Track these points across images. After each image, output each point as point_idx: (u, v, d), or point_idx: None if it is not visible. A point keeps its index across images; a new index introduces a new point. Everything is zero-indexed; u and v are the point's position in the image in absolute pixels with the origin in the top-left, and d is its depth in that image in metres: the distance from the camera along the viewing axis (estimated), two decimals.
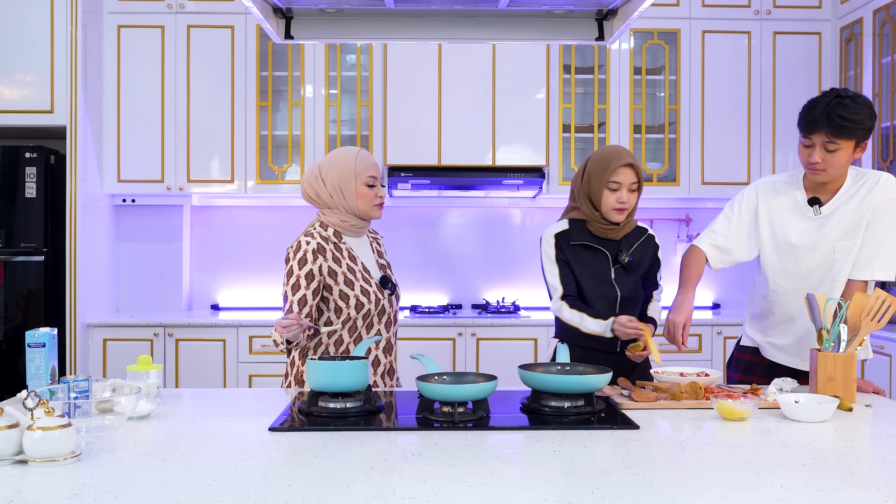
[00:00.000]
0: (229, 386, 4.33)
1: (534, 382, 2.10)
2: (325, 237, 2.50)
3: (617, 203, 2.54)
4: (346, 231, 2.54)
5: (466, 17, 2.51)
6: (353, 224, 2.53)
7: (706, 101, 4.66)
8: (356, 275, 2.49)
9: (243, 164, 4.57)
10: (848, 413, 2.12)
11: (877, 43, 4.20)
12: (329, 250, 2.47)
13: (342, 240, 2.52)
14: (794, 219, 2.51)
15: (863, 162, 4.29)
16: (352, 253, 2.52)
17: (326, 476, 1.53)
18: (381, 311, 2.53)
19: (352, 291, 2.46)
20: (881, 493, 1.44)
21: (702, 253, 2.58)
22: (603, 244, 2.60)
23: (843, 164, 2.41)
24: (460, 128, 4.53)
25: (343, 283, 2.46)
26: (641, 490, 1.45)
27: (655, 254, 2.69)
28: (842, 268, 2.46)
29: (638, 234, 2.66)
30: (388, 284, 2.57)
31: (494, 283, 4.99)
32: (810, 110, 2.40)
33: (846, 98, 2.37)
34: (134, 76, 4.54)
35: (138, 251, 4.81)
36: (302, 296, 2.43)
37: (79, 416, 1.84)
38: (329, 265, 2.46)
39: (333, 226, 2.53)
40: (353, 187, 2.50)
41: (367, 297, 2.48)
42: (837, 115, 2.35)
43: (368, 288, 2.49)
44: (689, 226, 4.98)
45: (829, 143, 2.37)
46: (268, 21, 2.41)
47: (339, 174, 2.51)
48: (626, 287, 2.59)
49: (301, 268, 2.44)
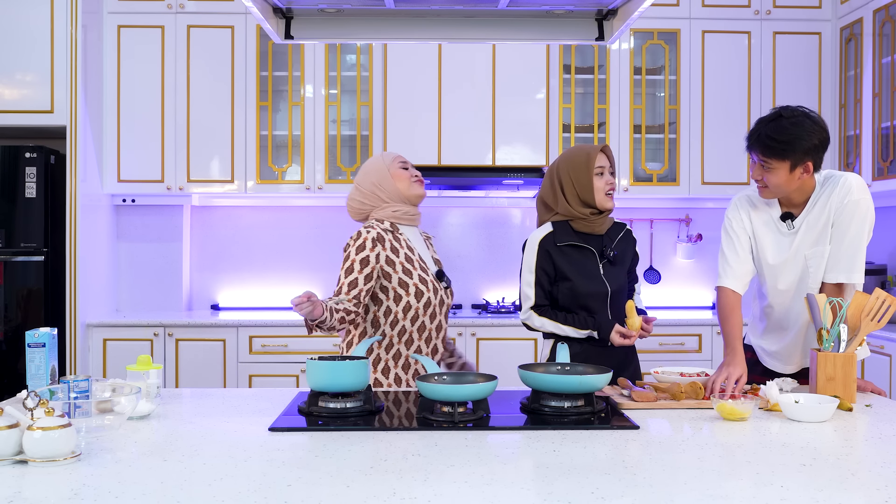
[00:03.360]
0: (229, 386, 4.33)
1: (534, 382, 2.10)
2: (385, 229, 2.57)
3: (607, 185, 2.63)
4: (401, 220, 2.61)
5: (466, 17, 2.51)
6: (406, 211, 2.62)
7: (706, 101, 4.66)
8: (414, 264, 2.56)
9: (243, 164, 4.57)
10: (848, 413, 2.12)
11: (877, 43, 4.20)
12: (388, 240, 2.54)
13: (399, 230, 2.59)
14: (769, 235, 2.49)
15: (863, 162, 4.29)
16: (409, 244, 2.59)
17: (326, 476, 1.53)
18: (440, 301, 2.60)
19: (410, 280, 2.52)
20: (881, 493, 1.44)
21: (731, 294, 2.49)
22: (588, 241, 2.64)
23: (781, 183, 2.36)
24: (460, 128, 4.53)
25: (402, 271, 2.52)
26: (641, 490, 1.45)
27: (634, 248, 2.77)
28: (814, 274, 2.43)
29: (617, 229, 2.73)
30: (444, 278, 2.65)
31: (494, 283, 4.99)
32: (752, 128, 2.41)
33: (786, 119, 2.33)
34: (134, 76, 4.54)
35: (138, 251, 4.81)
36: (354, 279, 2.47)
37: (79, 416, 1.84)
38: (387, 254, 2.52)
39: (388, 219, 2.60)
40: (388, 175, 2.61)
41: (425, 285, 2.54)
42: (766, 135, 2.33)
43: (426, 277, 2.56)
44: (688, 226, 4.98)
45: (764, 163, 2.36)
46: (268, 21, 2.41)
47: (372, 174, 2.63)
48: (615, 282, 2.65)
49: (358, 253, 2.50)
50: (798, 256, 2.44)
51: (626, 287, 2.72)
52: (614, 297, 2.64)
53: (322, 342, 4.25)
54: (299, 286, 4.87)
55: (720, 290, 2.52)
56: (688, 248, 4.92)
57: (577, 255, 2.63)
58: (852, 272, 2.39)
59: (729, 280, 2.50)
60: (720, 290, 2.52)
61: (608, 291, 2.62)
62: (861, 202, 2.36)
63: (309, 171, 4.57)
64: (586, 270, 2.61)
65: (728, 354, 2.38)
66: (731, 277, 2.50)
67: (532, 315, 2.64)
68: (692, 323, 4.42)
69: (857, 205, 2.36)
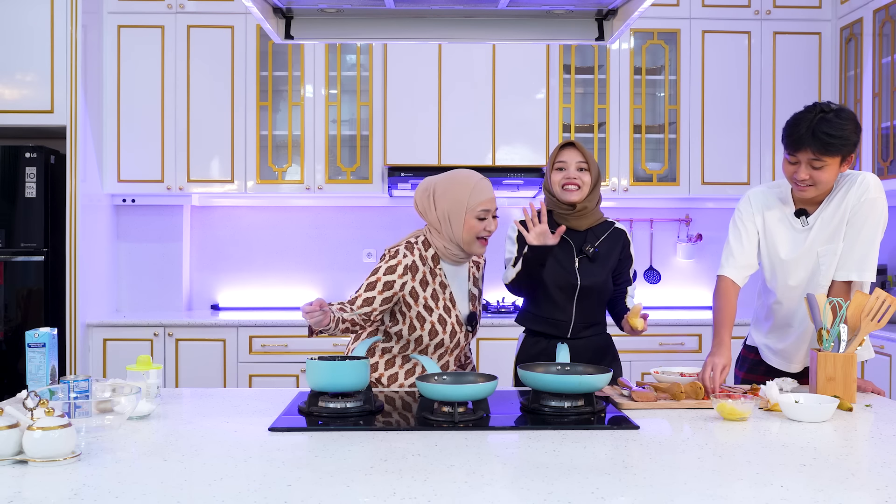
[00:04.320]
0: (229, 386, 4.33)
1: (534, 382, 2.10)
2: (424, 257, 2.48)
3: (564, 179, 2.61)
4: (446, 258, 2.51)
5: (466, 17, 2.51)
6: (455, 254, 2.50)
7: (706, 101, 4.66)
8: (438, 303, 2.47)
9: (243, 164, 4.57)
10: (848, 413, 2.13)
11: (877, 43, 4.20)
12: (422, 271, 2.46)
13: (439, 264, 2.50)
14: (783, 231, 2.49)
15: (863, 162, 4.29)
16: (444, 281, 2.50)
17: (326, 476, 1.53)
18: (456, 343, 2.53)
19: (429, 317, 2.45)
20: (881, 493, 1.44)
21: (731, 284, 2.50)
22: (568, 234, 2.63)
23: (830, 179, 2.36)
24: (460, 128, 4.53)
25: (422, 307, 2.45)
26: (641, 490, 1.45)
27: (626, 249, 2.71)
28: (825, 272, 2.43)
29: (605, 227, 2.70)
30: (472, 322, 2.56)
31: (494, 283, 4.97)
32: (794, 127, 2.34)
33: (830, 113, 2.31)
34: (134, 76, 4.54)
35: (138, 251, 4.81)
36: (371, 297, 2.40)
37: (79, 416, 1.84)
38: (414, 286, 2.44)
39: (435, 248, 2.50)
40: (462, 218, 2.45)
41: (443, 326, 2.47)
42: (823, 132, 2.28)
43: (447, 318, 2.48)
44: (689, 226, 4.98)
45: (815, 161, 2.32)
46: (268, 21, 2.41)
47: (451, 202, 2.46)
48: (589, 278, 2.61)
49: (387, 274, 2.42)
50: (811, 253, 2.45)
51: (606, 287, 2.66)
52: (584, 292, 2.61)
53: (322, 342, 4.25)
54: (299, 286, 4.88)
55: (720, 279, 2.52)
56: (688, 248, 4.92)
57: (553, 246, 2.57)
58: (864, 270, 2.39)
59: (731, 270, 2.51)
60: (720, 278, 2.52)
61: (577, 285, 2.60)
62: (877, 201, 2.37)
63: (309, 171, 4.57)
64: (559, 262, 2.60)
65: (715, 345, 2.40)
66: (734, 268, 2.51)
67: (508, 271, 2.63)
68: (692, 323, 4.42)
69: (874, 203, 2.37)
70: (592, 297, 2.63)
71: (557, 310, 2.63)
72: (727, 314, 2.47)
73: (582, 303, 2.62)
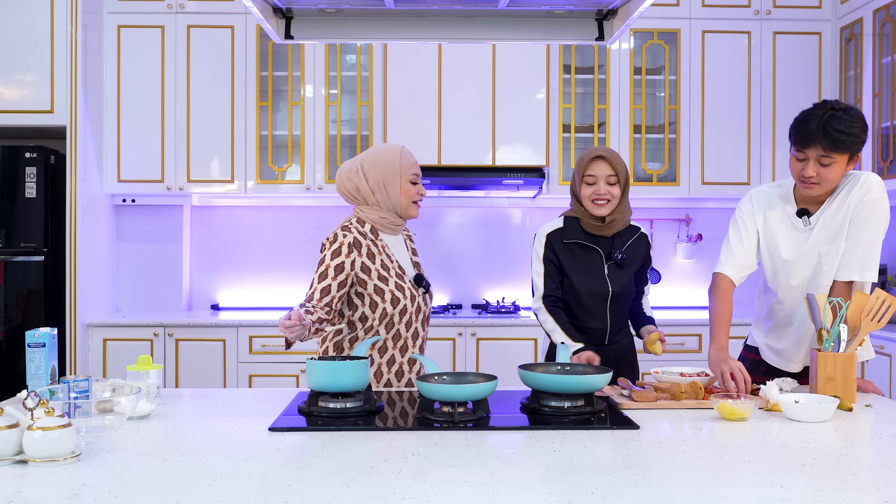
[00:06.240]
0: (229, 386, 4.33)
1: (534, 382, 2.10)
2: (363, 233, 2.51)
3: (594, 195, 2.61)
4: (384, 228, 2.55)
5: (466, 17, 2.51)
6: (392, 221, 2.54)
7: (706, 101, 4.66)
8: (390, 272, 2.50)
9: (243, 164, 4.57)
10: (848, 413, 2.12)
11: (877, 43, 4.20)
12: (365, 245, 2.48)
13: (378, 237, 2.53)
14: (785, 231, 2.49)
15: (863, 162, 4.28)
16: (387, 251, 2.53)
17: (326, 476, 1.53)
18: (417, 308, 2.54)
19: (386, 287, 2.47)
20: (881, 493, 1.44)
21: (728, 282, 2.50)
22: (596, 241, 2.66)
23: (837, 177, 2.36)
24: (460, 128, 4.53)
25: (377, 278, 2.47)
26: (641, 490, 1.45)
27: (648, 251, 2.78)
28: (827, 272, 2.42)
29: (631, 231, 2.73)
30: (423, 282, 2.58)
31: (494, 283, 4.99)
32: (804, 123, 2.34)
33: (840, 111, 2.31)
34: (134, 76, 4.54)
35: (138, 251, 4.81)
36: (327, 285, 2.42)
37: (79, 416, 1.84)
38: (363, 261, 2.46)
39: (371, 222, 2.53)
40: (398, 183, 2.51)
41: (401, 292, 2.49)
42: (834, 128, 2.28)
43: (403, 284, 2.50)
44: (688, 226, 4.98)
45: (824, 158, 2.31)
46: (268, 21, 2.41)
47: (383, 170, 2.52)
48: (618, 283, 2.66)
49: (333, 258, 2.44)
50: (813, 253, 2.45)
51: (632, 289, 2.73)
52: (615, 299, 2.66)
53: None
54: (299, 286, 4.87)
55: (717, 276, 2.53)
56: (688, 248, 4.92)
57: (582, 253, 2.66)
58: (865, 270, 2.39)
59: (728, 268, 2.51)
60: (717, 275, 2.53)
61: (609, 292, 2.64)
62: (880, 201, 2.37)
63: (309, 171, 4.57)
64: (589, 270, 2.64)
65: (718, 349, 2.38)
66: (732, 266, 2.51)
67: (542, 308, 2.66)
68: (692, 323, 4.42)
69: (876, 203, 2.36)
70: (623, 301, 2.68)
71: (592, 318, 2.66)
72: (725, 316, 2.47)
73: (614, 309, 2.67)
